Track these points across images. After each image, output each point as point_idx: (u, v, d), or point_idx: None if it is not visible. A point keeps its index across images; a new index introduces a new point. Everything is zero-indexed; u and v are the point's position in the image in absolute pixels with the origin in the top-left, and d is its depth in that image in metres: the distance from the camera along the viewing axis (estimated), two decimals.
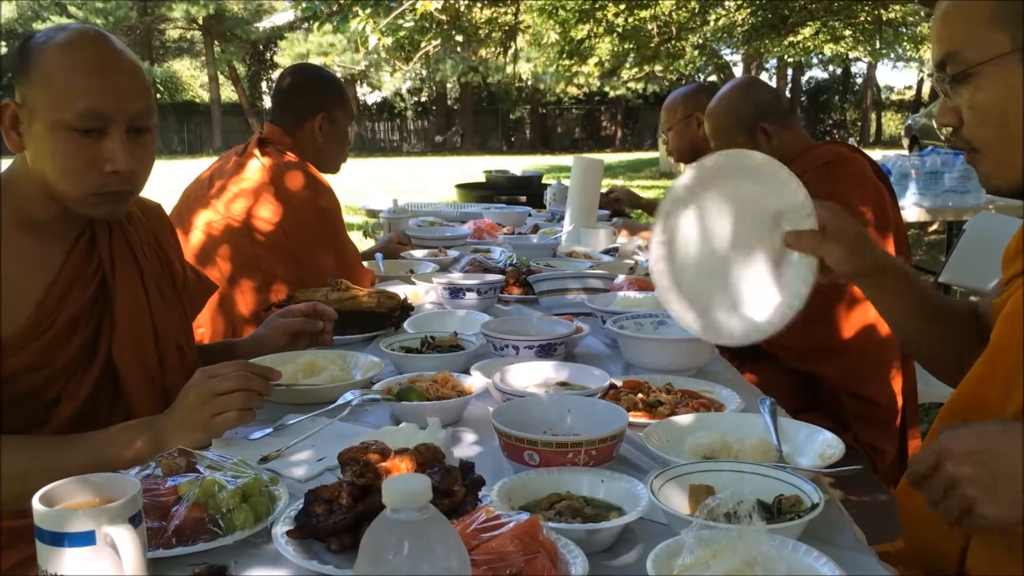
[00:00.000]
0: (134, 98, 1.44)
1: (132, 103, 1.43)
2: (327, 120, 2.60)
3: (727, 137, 2.60)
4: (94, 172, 1.42)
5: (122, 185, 1.46)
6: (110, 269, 1.55)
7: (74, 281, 1.51)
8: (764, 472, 1.17)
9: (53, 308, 1.47)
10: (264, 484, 1.16)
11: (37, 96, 1.40)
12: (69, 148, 1.40)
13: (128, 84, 1.44)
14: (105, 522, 0.90)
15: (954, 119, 1.22)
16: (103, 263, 1.55)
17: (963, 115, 1.20)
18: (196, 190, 2.56)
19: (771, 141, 2.53)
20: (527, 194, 5.03)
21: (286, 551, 1.04)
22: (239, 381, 1.38)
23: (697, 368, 1.79)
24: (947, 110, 1.22)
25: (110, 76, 1.42)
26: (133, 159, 1.44)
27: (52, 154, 1.41)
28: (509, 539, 0.92)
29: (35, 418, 1.46)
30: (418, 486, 0.65)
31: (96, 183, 1.43)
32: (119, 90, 1.42)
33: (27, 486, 0.98)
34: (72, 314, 1.49)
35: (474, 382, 1.59)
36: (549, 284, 2.28)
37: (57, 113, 1.39)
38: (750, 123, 2.56)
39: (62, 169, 1.41)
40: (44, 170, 1.42)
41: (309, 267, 2.42)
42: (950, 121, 1.22)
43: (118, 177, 1.44)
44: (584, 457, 1.22)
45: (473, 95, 30.39)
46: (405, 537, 0.64)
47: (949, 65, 1.19)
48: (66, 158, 1.40)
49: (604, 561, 1.07)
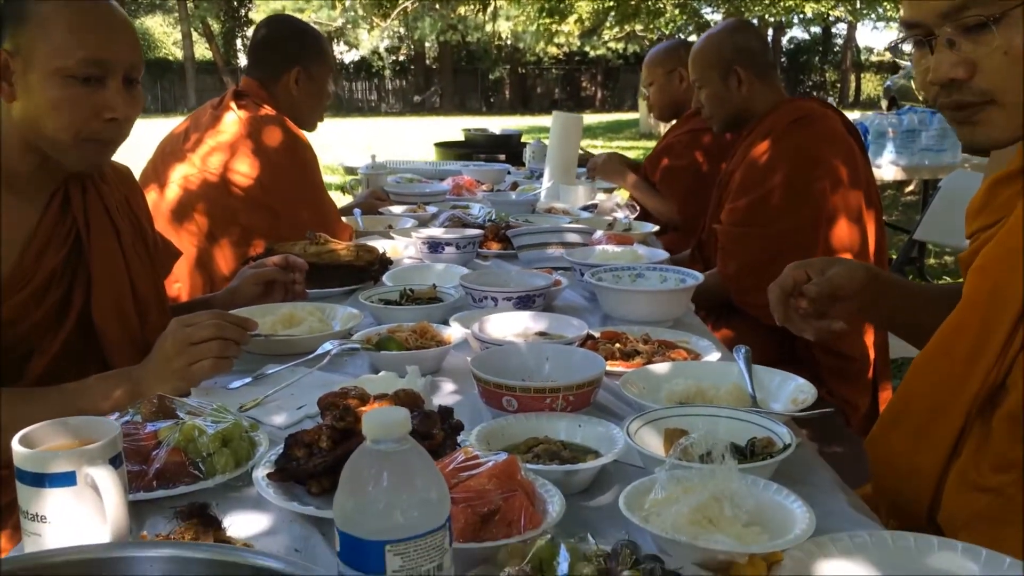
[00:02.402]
0: (131, 49, 1.49)
1: (129, 54, 1.48)
2: (303, 74, 2.56)
3: (703, 73, 2.63)
4: (93, 120, 1.45)
5: (115, 133, 1.49)
6: (84, 228, 1.56)
7: (50, 239, 1.52)
8: (738, 416, 1.20)
9: (30, 266, 1.48)
10: (244, 430, 1.17)
11: (35, 45, 1.41)
12: (67, 96, 1.42)
13: (126, 36, 1.49)
14: (85, 463, 0.90)
15: (965, 71, 1.11)
16: (77, 222, 1.56)
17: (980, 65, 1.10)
18: (171, 144, 2.53)
19: (741, 88, 2.54)
20: (506, 152, 5.00)
21: (267, 493, 1.05)
22: (215, 330, 1.38)
23: (674, 319, 1.81)
24: (954, 63, 1.11)
25: (111, 26, 1.46)
26: (129, 107, 1.48)
27: (50, 102, 1.42)
28: (487, 478, 0.94)
29: (8, 374, 1.47)
30: (398, 417, 0.66)
31: (92, 130, 1.45)
32: (119, 41, 1.47)
33: (4, 437, 0.98)
34: (47, 272, 1.50)
35: (453, 332, 1.60)
36: (528, 239, 2.28)
37: (59, 61, 1.41)
38: (726, 64, 2.57)
39: (61, 117, 1.43)
40: (39, 119, 1.43)
41: (287, 221, 2.41)
42: (959, 74, 1.11)
43: (114, 125, 1.47)
44: (562, 403, 1.24)
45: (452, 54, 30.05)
46: (385, 468, 0.65)
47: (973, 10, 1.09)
48: (64, 106, 1.42)
49: (581, 502, 1.09)
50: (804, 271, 1.40)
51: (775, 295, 1.41)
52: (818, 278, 1.38)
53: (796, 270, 1.41)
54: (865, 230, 2.46)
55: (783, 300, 1.41)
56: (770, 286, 1.43)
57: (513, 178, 3.93)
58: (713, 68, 2.60)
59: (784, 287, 1.41)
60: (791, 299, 1.41)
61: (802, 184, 2.39)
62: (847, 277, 1.38)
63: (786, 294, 1.40)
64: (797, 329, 1.42)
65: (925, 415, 1.20)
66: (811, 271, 1.40)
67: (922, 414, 1.21)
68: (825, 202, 2.40)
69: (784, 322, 1.42)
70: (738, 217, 2.49)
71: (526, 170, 4.22)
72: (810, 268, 1.41)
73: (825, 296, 1.38)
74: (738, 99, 2.58)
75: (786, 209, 2.41)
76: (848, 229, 2.41)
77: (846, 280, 1.38)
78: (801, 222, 2.40)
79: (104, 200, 1.60)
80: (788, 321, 1.42)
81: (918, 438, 1.20)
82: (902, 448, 1.23)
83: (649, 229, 2.76)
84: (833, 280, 1.38)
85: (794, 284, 1.40)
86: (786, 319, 1.42)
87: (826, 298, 1.38)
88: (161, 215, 2.37)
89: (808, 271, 1.40)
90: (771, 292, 1.42)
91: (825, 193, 2.39)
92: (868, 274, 1.41)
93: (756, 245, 2.44)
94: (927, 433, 1.19)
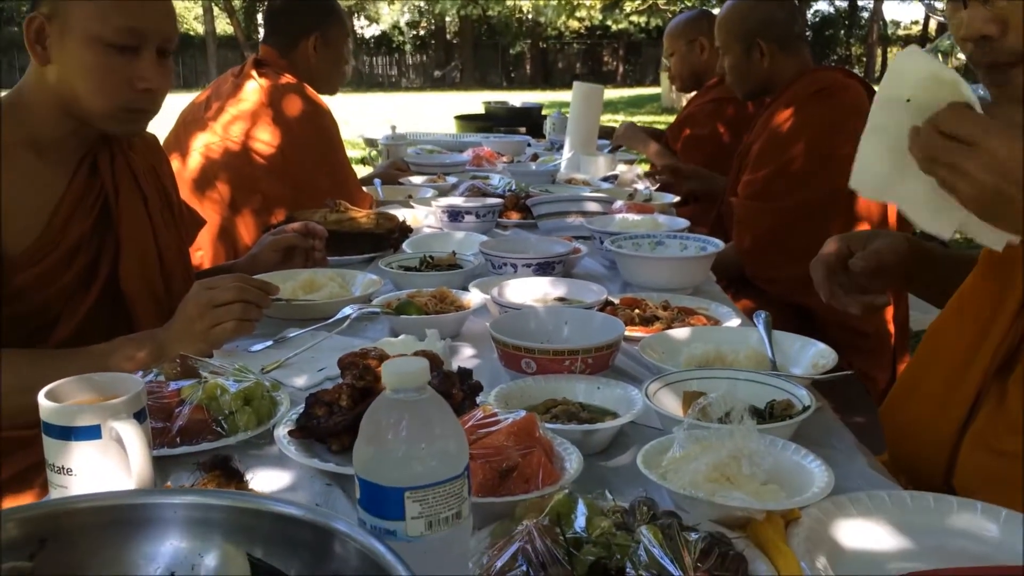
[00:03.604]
0: (167, 20, 1.49)
1: (166, 25, 1.48)
2: (321, 40, 2.56)
3: (726, 43, 2.60)
4: (126, 89, 1.45)
5: (149, 104, 1.49)
6: (113, 194, 1.57)
7: (78, 205, 1.53)
8: (757, 379, 1.19)
9: (58, 230, 1.49)
10: (266, 389, 1.18)
11: (72, 10, 1.42)
12: (102, 63, 1.43)
13: (163, 6, 1.50)
14: (110, 417, 0.92)
15: (996, 29, 1.08)
16: (105, 187, 1.57)
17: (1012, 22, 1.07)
18: (192, 112, 2.54)
19: (763, 61, 2.51)
20: (527, 125, 4.98)
21: (288, 450, 1.06)
22: (236, 292, 1.39)
23: (694, 287, 1.80)
24: (987, 19, 1.08)
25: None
26: (162, 77, 1.48)
27: (84, 69, 1.43)
28: (506, 435, 0.95)
29: (34, 337, 1.49)
30: (417, 366, 0.66)
31: (127, 99, 1.45)
32: (156, 11, 1.47)
33: (31, 398, 0.99)
34: (76, 237, 1.51)
35: (472, 298, 1.61)
36: (548, 207, 2.28)
37: (97, 28, 1.41)
38: (749, 37, 2.54)
39: (94, 84, 1.43)
40: (73, 85, 1.44)
41: (308, 189, 2.42)
42: (991, 31, 1.09)
43: (148, 95, 1.47)
44: (580, 365, 1.24)
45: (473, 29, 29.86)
46: (404, 416, 0.66)
47: None
48: (99, 73, 1.43)
49: (599, 462, 1.09)
50: (847, 244, 1.35)
51: (820, 272, 1.36)
52: (861, 252, 1.33)
53: (838, 244, 1.35)
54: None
55: (829, 276, 1.35)
56: (813, 262, 1.37)
57: (533, 150, 3.92)
58: (736, 39, 2.57)
59: (828, 263, 1.35)
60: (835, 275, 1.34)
61: (824, 152, 2.36)
62: (891, 250, 1.33)
63: (831, 270, 1.35)
64: (842, 305, 1.36)
65: (941, 380, 1.19)
66: (853, 245, 1.35)
67: (938, 379, 1.20)
68: (846, 168, 2.36)
69: (830, 299, 1.36)
70: (755, 190, 2.47)
71: (546, 142, 4.20)
72: (852, 242, 1.35)
73: (871, 270, 1.32)
74: (760, 71, 2.56)
75: (805, 181, 2.38)
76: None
77: (890, 253, 1.33)
78: (820, 194, 2.37)
79: (132, 167, 1.61)
80: (834, 298, 1.36)
81: (934, 403, 1.20)
82: (918, 414, 1.23)
83: (670, 199, 2.74)
84: (881, 253, 1.33)
85: (837, 259, 1.34)
86: (832, 296, 1.36)
87: (871, 272, 1.33)
88: (184, 184, 2.38)
89: (850, 245, 1.35)
90: (815, 270, 1.37)
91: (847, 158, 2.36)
92: (909, 245, 1.36)
93: (771, 219, 2.42)
94: (943, 398, 1.18)
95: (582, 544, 0.79)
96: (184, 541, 0.68)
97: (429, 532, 0.66)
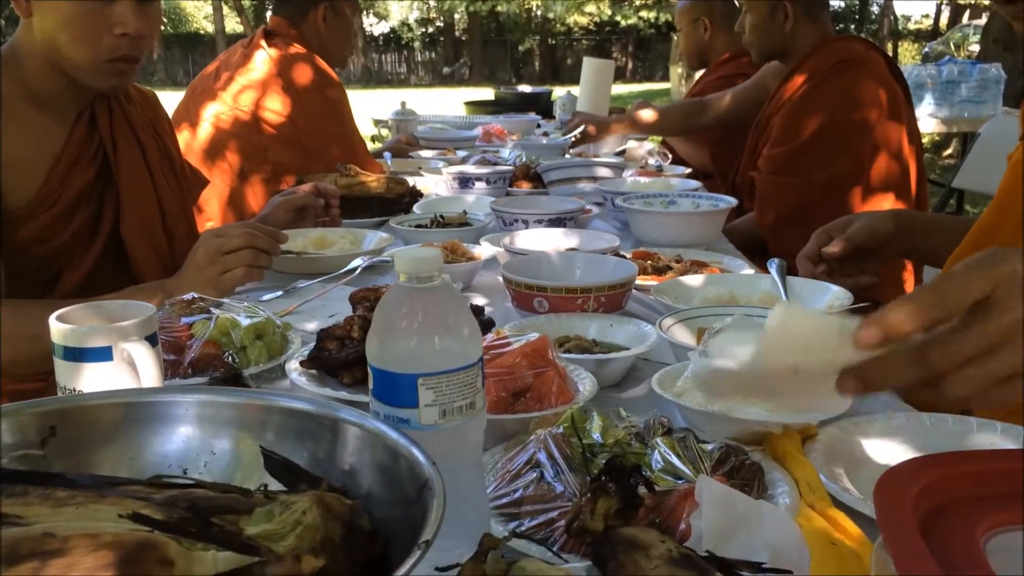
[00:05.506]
0: None
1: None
2: (330, 10, 2.56)
3: (751, 1, 2.56)
4: (105, 35, 1.42)
5: (131, 50, 1.45)
6: (111, 148, 1.56)
7: (77, 158, 1.52)
8: None
9: (58, 184, 1.48)
10: (277, 326, 1.18)
11: None
12: (79, 11, 1.40)
13: None
14: (121, 338, 0.91)
15: None
16: (104, 141, 1.55)
17: None
18: (202, 83, 2.54)
19: (786, 24, 2.48)
20: (536, 109, 4.96)
21: (299, 382, 1.05)
22: (246, 239, 1.39)
23: (707, 244, 1.78)
24: None
25: None
26: (141, 22, 1.44)
27: (61, 18, 1.40)
28: (519, 355, 0.94)
29: (38, 292, 1.48)
30: (430, 253, 0.65)
31: (107, 47, 1.42)
32: None
33: (43, 346, 0.98)
34: (76, 191, 1.51)
35: (483, 251, 1.60)
36: (559, 173, 2.26)
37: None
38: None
39: (72, 33, 1.41)
40: (54, 36, 1.42)
41: (318, 158, 2.41)
42: None
43: (127, 40, 1.43)
44: (593, 304, 1.23)
45: (481, 25, 29.83)
46: (417, 303, 0.65)
47: None
48: (75, 20, 1.40)
49: (613, 394, 1.08)
50: (826, 235, 1.41)
51: (803, 267, 1.42)
52: (838, 238, 1.38)
53: (819, 236, 1.41)
54: (907, 166, 2.41)
55: (812, 271, 1.40)
56: (797, 258, 1.43)
57: (543, 129, 3.90)
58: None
59: (811, 257, 1.41)
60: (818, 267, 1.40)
61: (843, 123, 2.34)
62: (870, 231, 1.38)
63: (815, 263, 1.40)
64: None
65: None
66: (833, 233, 1.40)
67: None
68: (868, 136, 2.34)
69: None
70: (776, 165, 2.44)
71: (556, 121, 4.18)
72: (832, 231, 1.41)
73: (850, 254, 1.37)
74: (781, 34, 2.52)
75: (826, 155, 2.36)
76: (889, 165, 2.37)
77: (868, 234, 1.38)
78: (841, 167, 2.35)
79: (130, 120, 1.60)
80: None
81: None
82: None
83: (681, 172, 2.72)
84: (855, 237, 1.37)
85: (818, 250, 1.40)
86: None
87: (854, 255, 1.38)
88: (194, 154, 2.39)
89: (831, 234, 1.40)
90: (800, 265, 1.42)
91: (869, 126, 2.34)
92: (896, 223, 1.40)
93: (794, 194, 2.40)
94: None
95: (597, 452, 0.78)
96: (196, 432, 0.68)
97: (443, 421, 0.65)
